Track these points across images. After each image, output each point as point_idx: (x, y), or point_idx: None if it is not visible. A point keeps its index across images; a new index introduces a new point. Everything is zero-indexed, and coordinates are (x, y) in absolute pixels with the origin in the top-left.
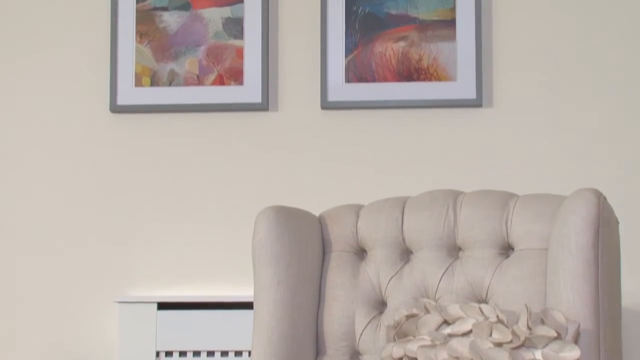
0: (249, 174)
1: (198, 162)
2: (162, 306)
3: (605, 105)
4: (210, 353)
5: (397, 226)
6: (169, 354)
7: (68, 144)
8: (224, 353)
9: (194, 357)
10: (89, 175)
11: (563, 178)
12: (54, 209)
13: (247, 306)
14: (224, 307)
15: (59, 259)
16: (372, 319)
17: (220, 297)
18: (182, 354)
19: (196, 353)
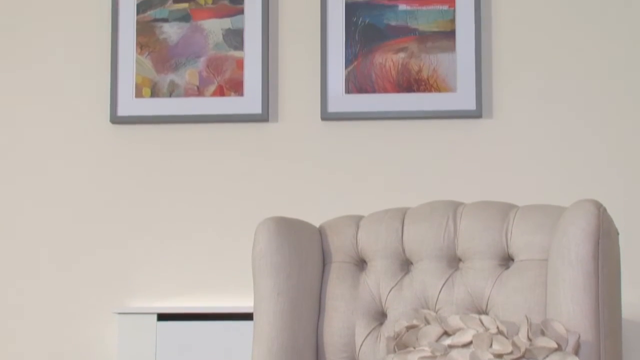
0: (249, 184)
1: (198, 173)
2: (162, 317)
3: (604, 116)
4: None
5: (397, 237)
6: None
7: (68, 155)
8: None
9: None
10: (89, 186)
11: (563, 189)
12: (55, 219)
13: (247, 317)
14: (224, 318)
15: (59, 269)
16: (372, 330)
17: (220, 308)
18: None
19: None
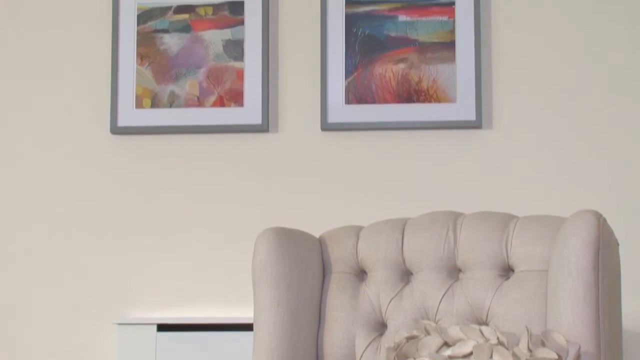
0: (249, 195)
1: (198, 183)
2: (162, 328)
3: (604, 127)
4: None
5: (397, 247)
6: None
7: (69, 165)
8: None
9: None
10: (89, 196)
11: (563, 199)
12: (54, 229)
13: (247, 328)
14: (224, 329)
15: (59, 280)
16: (373, 341)
17: (220, 318)
18: None
19: None
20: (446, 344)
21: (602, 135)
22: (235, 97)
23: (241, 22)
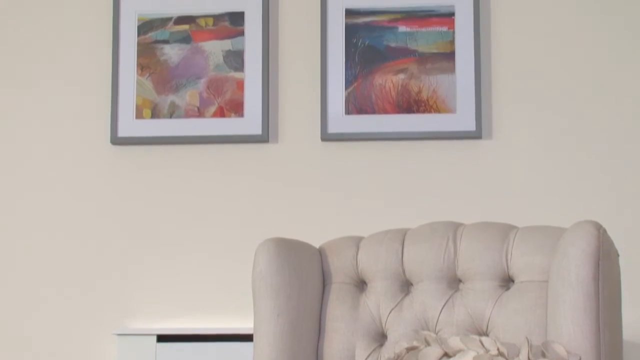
0: (249, 205)
1: (198, 193)
2: (162, 338)
3: (604, 137)
4: None
5: (397, 258)
6: None
7: (69, 175)
8: None
9: None
10: (89, 207)
11: (563, 210)
12: (55, 239)
13: (247, 338)
14: (224, 340)
15: (59, 291)
16: (373, 352)
17: (220, 329)
18: None
19: None
20: (446, 355)
21: (602, 146)
22: (236, 108)
23: (241, 33)
